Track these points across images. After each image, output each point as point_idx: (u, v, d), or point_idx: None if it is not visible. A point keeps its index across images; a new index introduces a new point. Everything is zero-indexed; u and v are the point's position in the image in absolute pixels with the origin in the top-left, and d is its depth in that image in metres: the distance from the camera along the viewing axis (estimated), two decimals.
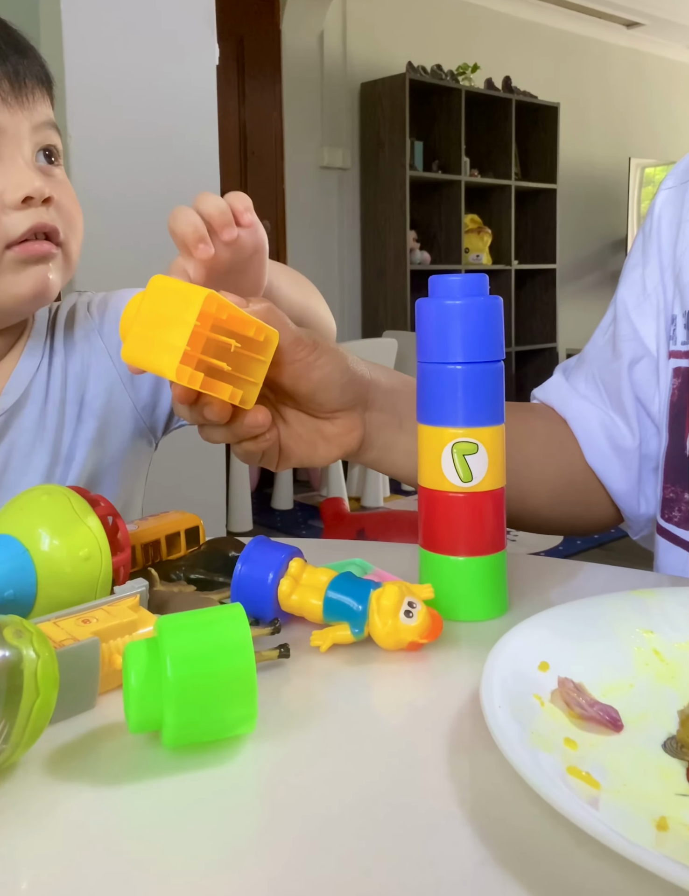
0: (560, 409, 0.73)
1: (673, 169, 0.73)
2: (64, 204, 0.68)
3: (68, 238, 0.68)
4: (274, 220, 4.08)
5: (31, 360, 0.74)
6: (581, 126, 5.29)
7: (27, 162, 0.65)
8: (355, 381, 0.56)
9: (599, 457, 0.71)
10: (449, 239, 4.46)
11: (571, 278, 5.32)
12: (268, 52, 3.95)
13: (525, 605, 0.52)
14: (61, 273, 0.68)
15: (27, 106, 0.65)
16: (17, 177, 0.63)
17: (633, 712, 0.38)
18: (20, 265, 0.65)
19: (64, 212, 0.68)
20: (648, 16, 5.21)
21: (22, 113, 0.65)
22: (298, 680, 0.43)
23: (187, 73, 2.28)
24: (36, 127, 0.66)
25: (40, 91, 0.67)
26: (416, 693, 0.42)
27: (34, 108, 0.66)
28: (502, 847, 0.30)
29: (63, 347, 0.75)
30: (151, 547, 0.53)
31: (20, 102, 0.65)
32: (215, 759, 0.36)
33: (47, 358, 0.75)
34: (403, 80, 4.08)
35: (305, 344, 0.53)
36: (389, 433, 0.59)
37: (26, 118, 0.65)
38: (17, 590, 0.43)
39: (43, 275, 0.66)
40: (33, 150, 0.66)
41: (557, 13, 5.04)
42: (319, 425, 0.57)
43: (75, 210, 0.69)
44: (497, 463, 0.50)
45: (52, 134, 0.68)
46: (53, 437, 0.73)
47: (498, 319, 0.50)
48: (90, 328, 0.76)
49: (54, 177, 0.68)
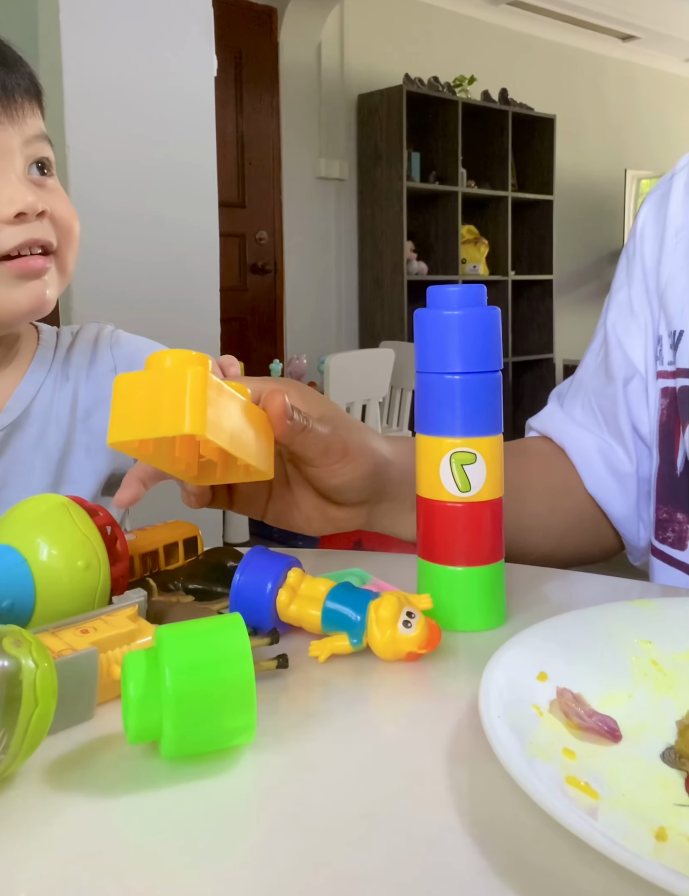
0: (558, 439, 0.72)
1: (657, 183, 0.73)
2: (59, 215, 0.68)
3: (63, 249, 0.68)
4: (271, 231, 4.09)
5: (36, 379, 0.74)
6: (577, 138, 5.32)
7: (19, 176, 0.65)
8: (376, 480, 0.54)
9: (598, 484, 0.70)
10: (446, 249, 4.47)
11: (567, 289, 5.34)
12: (266, 63, 3.97)
13: (523, 615, 0.52)
14: (57, 284, 0.69)
15: (17, 120, 0.65)
16: (9, 192, 0.63)
17: (631, 723, 0.38)
18: (15, 280, 0.65)
19: (59, 223, 0.68)
20: (643, 29, 5.26)
21: (13, 128, 0.65)
22: (297, 690, 0.43)
23: (186, 85, 2.30)
24: (27, 140, 0.66)
25: (30, 104, 0.67)
26: (414, 703, 0.42)
27: (24, 121, 0.66)
28: (502, 858, 0.30)
29: (77, 375, 0.76)
30: (150, 557, 0.53)
31: (10, 117, 0.65)
32: (213, 769, 0.36)
33: (55, 380, 0.75)
34: (400, 91, 4.11)
35: (334, 453, 0.51)
36: (393, 516, 0.58)
37: (17, 133, 0.65)
38: (15, 600, 0.43)
39: (39, 290, 0.66)
40: (25, 164, 0.66)
41: (553, 26, 5.08)
42: (324, 507, 0.55)
43: (70, 219, 0.69)
44: (495, 473, 0.50)
45: (44, 146, 0.68)
46: (58, 459, 0.73)
47: (496, 330, 0.50)
48: (108, 367, 0.77)
49: (48, 188, 0.68)
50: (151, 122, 2.23)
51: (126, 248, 2.14)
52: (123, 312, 2.12)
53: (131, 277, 2.16)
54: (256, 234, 4.04)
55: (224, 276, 2.47)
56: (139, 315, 2.20)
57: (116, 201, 2.14)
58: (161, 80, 2.24)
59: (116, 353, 0.79)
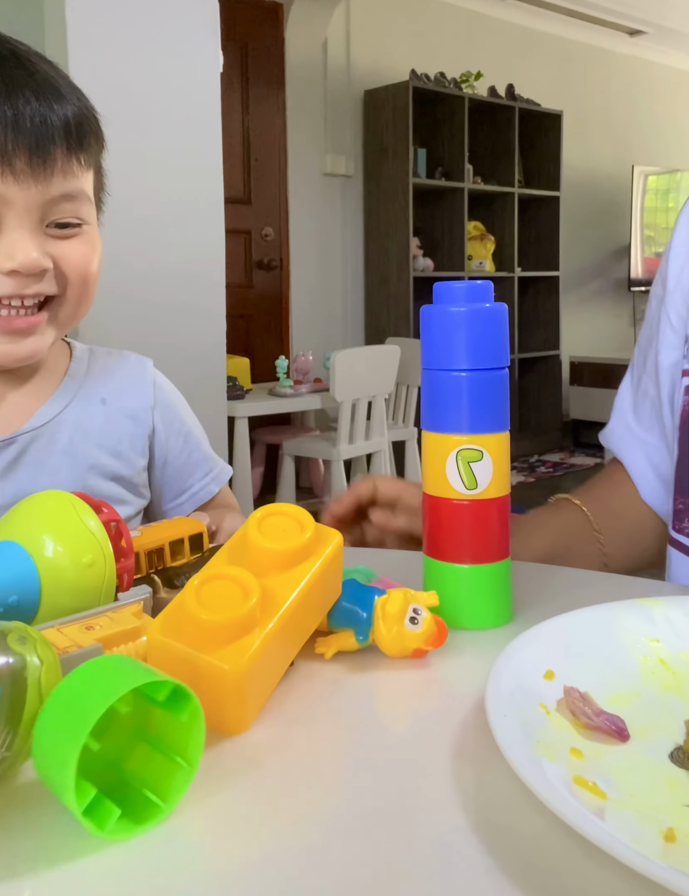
0: (619, 455, 0.78)
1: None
2: (70, 266, 0.64)
3: (68, 298, 0.65)
4: (277, 228, 4.09)
5: (61, 402, 0.73)
6: (584, 134, 5.30)
7: (32, 230, 0.61)
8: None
9: (651, 494, 0.74)
10: (452, 246, 4.46)
11: (574, 286, 5.32)
12: (272, 59, 3.96)
13: (530, 613, 0.51)
14: (54, 332, 0.67)
15: (43, 180, 0.60)
16: (12, 247, 0.60)
17: (639, 722, 0.37)
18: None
19: (67, 274, 0.64)
20: (651, 24, 5.23)
21: (36, 188, 0.60)
22: (303, 687, 0.43)
23: (192, 81, 2.29)
24: (53, 200, 0.61)
25: (66, 161, 0.61)
26: (421, 701, 0.42)
27: (51, 181, 0.61)
28: (508, 857, 0.30)
29: (110, 403, 0.75)
30: (155, 553, 0.53)
31: (36, 177, 0.60)
32: (217, 765, 0.36)
33: (82, 404, 0.74)
34: (406, 87, 4.10)
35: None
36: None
37: (40, 193, 0.60)
38: (21, 596, 0.43)
39: (22, 347, 0.64)
40: (43, 220, 0.62)
41: (560, 21, 5.05)
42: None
43: (83, 270, 0.65)
44: (502, 470, 0.50)
45: (72, 207, 0.63)
46: (82, 474, 0.72)
47: (503, 326, 0.50)
48: (147, 405, 0.77)
49: (67, 239, 0.64)
50: (157, 118, 2.23)
51: (132, 245, 2.14)
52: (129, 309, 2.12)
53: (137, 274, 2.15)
54: (262, 230, 4.04)
55: (230, 272, 2.46)
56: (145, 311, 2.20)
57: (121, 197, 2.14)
58: (167, 75, 2.24)
59: (158, 393, 0.79)
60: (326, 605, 0.45)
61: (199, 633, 0.38)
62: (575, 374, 5.09)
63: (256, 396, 3.28)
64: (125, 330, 2.11)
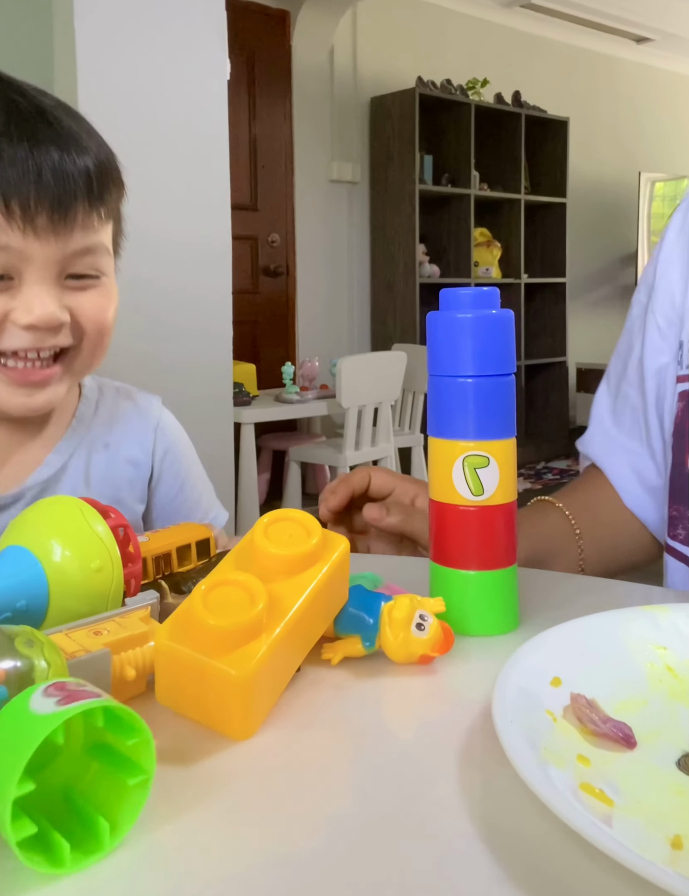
0: (599, 463, 0.78)
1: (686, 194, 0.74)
2: (86, 318, 0.64)
3: (83, 349, 0.65)
4: (283, 234, 4.10)
5: (67, 449, 0.72)
6: (591, 140, 5.31)
7: (49, 285, 0.61)
8: None
9: (634, 500, 0.75)
10: (458, 252, 4.47)
11: (581, 292, 5.32)
12: (279, 67, 3.98)
13: (537, 620, 0.51)
14: (68, 381, 0.66)
15: (63, 236, 0.60)
16: (30, 301, 0.59)
17: (646, 729, 0.37)
18: (13, 385, 0.63)
19: (83, 326, 0.64)
20: (658, 31, 5.24)
21: (57, 243, 0.60)
22: (309, 693, 0.43)
23: (199, 88, 2.31)
24: (71, 255, 0.61)
25: (86, 216, 0.61)
26: (427, 707, 0.42)
27: (71, 236, 0.60)
28: (515, 864, 0.30)
29: (111, 445, 0.74)
30: (162, 559, 0.53)
31: (57, 232, 0.59)
32: (223, 770, 0.36)
33: (88, 449, 0.73)
34: (412, 94, 4.11)
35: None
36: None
37: (60, 248, 0.60)
38: (29, 600, 0.43)
39: (37, 398, 0.64)
40: (61, 274, 0.62)
41: (567, 28, 5.07)
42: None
43: (99, 322, 0.65)
44: (509, 476, 0.50)
45: (92, 259, 0.63)
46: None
47: (509, 333, 0.50)
48: (147, 450, 0.76)
49: (84, 291, 0.63)
50: (165, 126, 2.24)
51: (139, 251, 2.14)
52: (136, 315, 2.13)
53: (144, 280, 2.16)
54: (269, 236, 4.05)
55: (236, 278, 2.47)
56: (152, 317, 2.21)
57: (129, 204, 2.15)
58: (175, 83, 2.25)
59: (160, 438, 0.78)
60: (333, 611, 0.45)
61: (206, 639, 0.38)
62: (582, 380, 5.08)
63: (263, 403, 3.28)
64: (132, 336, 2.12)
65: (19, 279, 0.60)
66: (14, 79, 0.63)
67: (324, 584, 0.43)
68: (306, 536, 0.43)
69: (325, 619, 0.45)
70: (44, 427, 0.72)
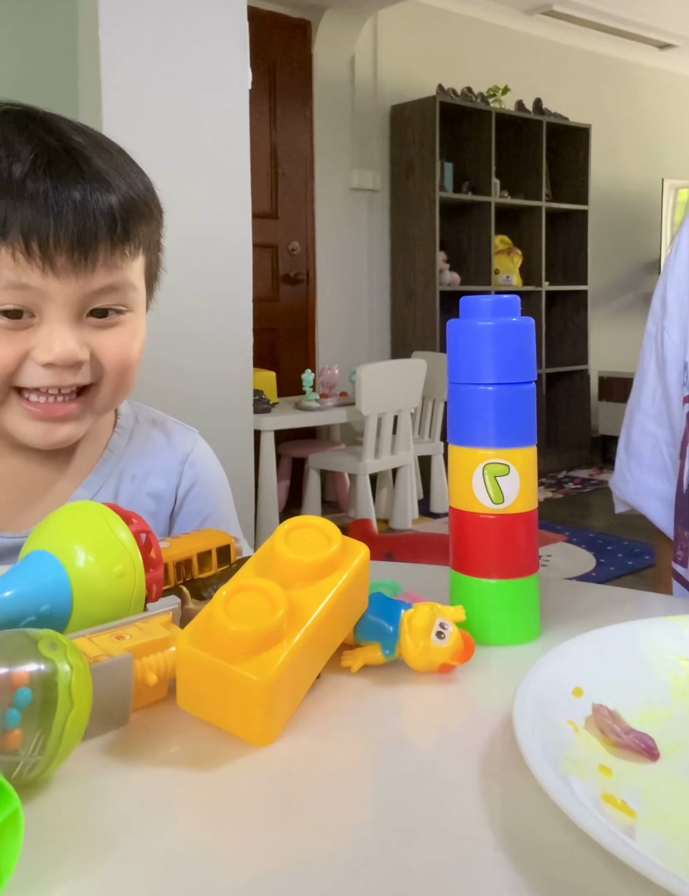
0: (636, 505, 0.79)
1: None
2: (108, 356, 0.63)
3: (103, 387, 0.64)
4: (304, 242, 4.12)
5: (97, 482, 0.72)
6: (613, 147, 5.28)
7: (70, 323, 0.60)
8: None
9: (667, 525, 0.75)
10: (479, 260, 4.46)
11: (603, 300, 5.29)
12: (300, 75, 4.01)
13: (558, 630, 0.51)
14: (91, 417, 0.66)
15: (84, 275, 0.59)
16: (50, 338, 0.59)
17: (670, 741, 0.37)
18: (34, 417, 0.62)
19: (104, 364, 0.63)
20: (680, 37, 5.21)
21: (77, 282, 0.59)
22: (329, 700, 0.43)
23: (221, 97, 2.32)
24: (91, 293, 0.60)
25: (109, 251, 0.59)
26: (447, 716, 0.42)
27: (93, 275, 0.59)
28: (535, 874, 0.29)
29: (140, 476, 0.74)
30: (183, 565, 0.54)
31: (77, 273, 0.58)
32: (244, 776, 0.36)
33: (116, 479, 0.72)
34: (433, 102, 4.12)
35: None
36: None
37: (81, 287, 0.59)
38: (53, 605, 0.44)
39: (57, 433, 0.64)
40: (82, 311, 0.61)
41: (588, 35, 5.05)
42: None
43: (121, 361, 0.64)
44: (529, 484, 0.50)
45: (111, 296, 0.61)
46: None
47: (530, 341, 0.50)
48: (172, 485, 0.75)
49: (106, 329, 0.62)
50: (187, 134, 2.26)
51: None
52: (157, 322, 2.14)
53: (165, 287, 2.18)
54: (289, 244, 4.07)
55: (257, 286, 2.48)
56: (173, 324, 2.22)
57: None
58: (197, 92, 2.27)
59: (188, 472, 0.76)
60: (353, 618, 0.45)
61: (227, 644, 0.38)
62: (604, 389, 5.04)
63: (283, 410, 3.29)
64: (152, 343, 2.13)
65: (40, 317, 0.59)
66: (51, 115, 0.62)
67: (344, 591, 0.43)
68: (327, 543, 0.43)
69: (345, 626, 0.45)
70: (72, 460, 0.71)
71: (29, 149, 0.58)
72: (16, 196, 0.56)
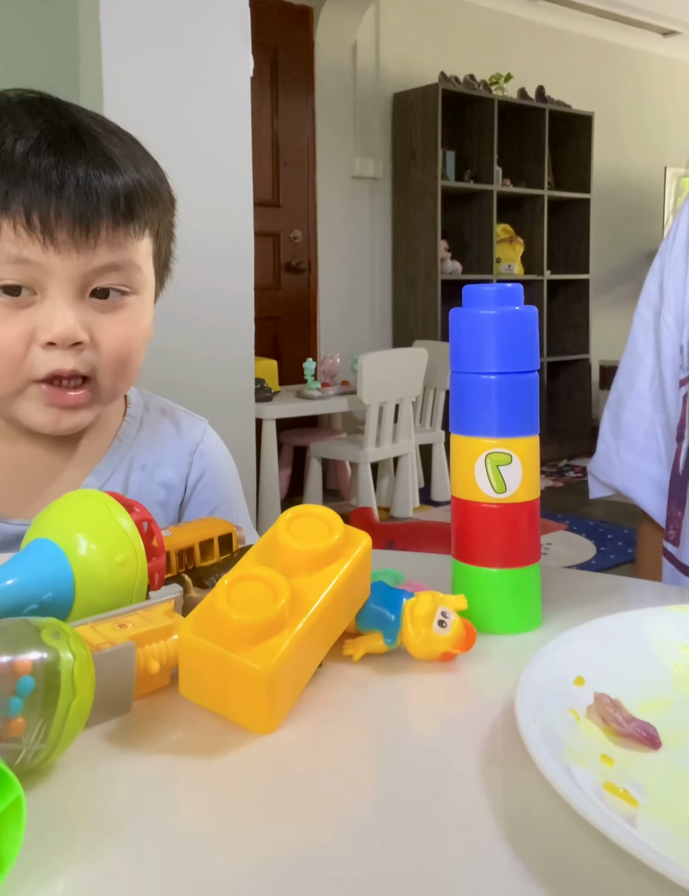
0: (624, 490, 0.78)
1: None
2: (105, 342, 0.62)
3: (103, 377, 0.63)
4: (305, 231, 4.10)
5: (106, 470, 0.71)
6: (616, 135, 5.25)
7: (71, 300, 0.59)
8: None
9: (657, 510, 0.75)
10: (481, 249, 4.44)
11: (604, 289, 5.27)
12: (301, 63, 3.98)
13: (559, 618, 0.51)
14: (98, 406, 0.65)
15: (85, 251, 0.58)
16: (51, 316, 0.59)
17: (671, 730, 0.37)
18: (42, 403, 0.62)
19: (103, 351, 0.62)
20: (685, 24, 5.17)
21: (79, 258, 0.58)
22: (331, 688, 0.43)
23: (222, 85, 2.31)
24: (93, 271, 0.60)
25: (111, 228, 0.59)
26: (449, 705, 0.42)
27: (94, 252, 0.59)
28: (537, 862, 0.30)
29: (150, 465, 0.73)
30: (186, 553, 0.54)
31: (78, 248, 0.58)
32: (246, 764, 0.36)
33: (125, 468, 0.72)
34: (435, 90, 4.09)
35: None
36: None
37: (82, 264, 0.59)
38: (55, 593, 0.44)
39: (65, 420, 0.63)
40: (85, 289, 0.60)
41: (591, 22, 5.01)
42: None
43: (119, 348, 0.63)
44: (531, 474, 0.49)
45: (114, 276, 0.61)
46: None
47: (533, 330, 0.50)
48: (182, 474, 0.75)
49: (110, 309, 0.62)
50: (188, 122, 2.25)
51: None
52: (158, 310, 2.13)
53: None
54: (291, 233, 4.05)
55: (258, 274, 2.47)
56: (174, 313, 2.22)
57: None
58: (198, 80, 2.26)
59: (197, 462, 0.76)
60: (355, 607, 0.46)
61: (229, 633, 0.38)
62: (605, 378, 5.04)
63: (284, 398, 3.29)
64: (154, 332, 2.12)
65: (42, 294, 0.59)
66: (67, 102, 0.62)
67: (346, 580, 0.43)
68: (329, 532, 0.43)
69: (347, 615, 0.45)
70: (82, 448, 0.71)
71: (35, 127, 0.58)
72: (18, 171, 0.57)
